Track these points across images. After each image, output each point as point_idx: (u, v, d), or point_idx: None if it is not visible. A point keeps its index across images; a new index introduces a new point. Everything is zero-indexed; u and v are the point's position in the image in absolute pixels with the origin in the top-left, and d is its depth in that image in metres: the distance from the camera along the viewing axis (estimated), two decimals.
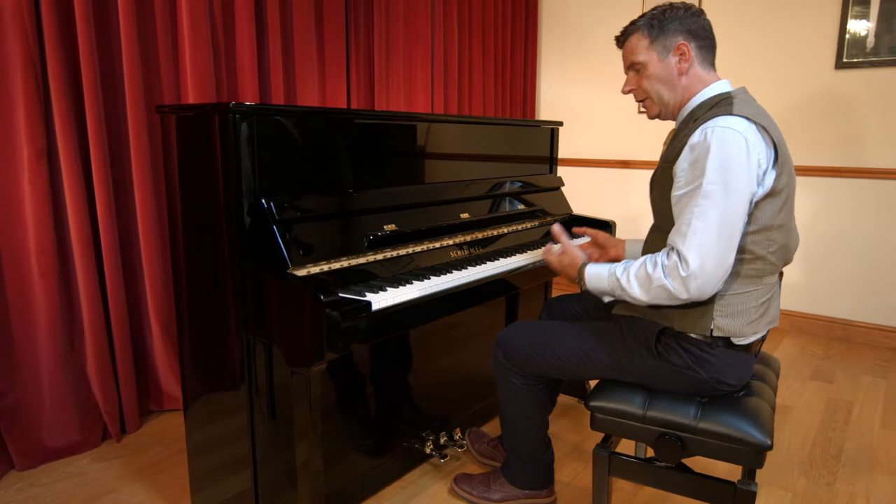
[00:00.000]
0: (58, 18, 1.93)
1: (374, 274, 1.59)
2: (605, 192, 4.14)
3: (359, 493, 1.84)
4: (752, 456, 1.31)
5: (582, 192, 4.21)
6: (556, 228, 1.67)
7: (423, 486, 1.92)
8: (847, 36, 3.15)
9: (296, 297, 1.31)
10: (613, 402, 1.43)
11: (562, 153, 4.26)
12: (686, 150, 1.30)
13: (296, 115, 1.50)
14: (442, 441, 2.02)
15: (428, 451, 1.98)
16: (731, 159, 1.24)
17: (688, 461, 1.44)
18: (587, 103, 4.14)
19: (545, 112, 4.35)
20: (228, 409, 1.56)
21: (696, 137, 1.28)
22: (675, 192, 1.32)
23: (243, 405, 1.51)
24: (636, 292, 1.35)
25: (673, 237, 1.30)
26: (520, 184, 2.22)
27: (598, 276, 1.45)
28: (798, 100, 3.34)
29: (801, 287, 3.47)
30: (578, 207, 4.08)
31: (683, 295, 1.28)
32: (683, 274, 1.25)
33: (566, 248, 1.60)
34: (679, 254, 1.27)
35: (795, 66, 3.34)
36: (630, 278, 1.36)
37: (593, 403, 1.45)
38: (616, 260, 1.76)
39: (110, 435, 2.18)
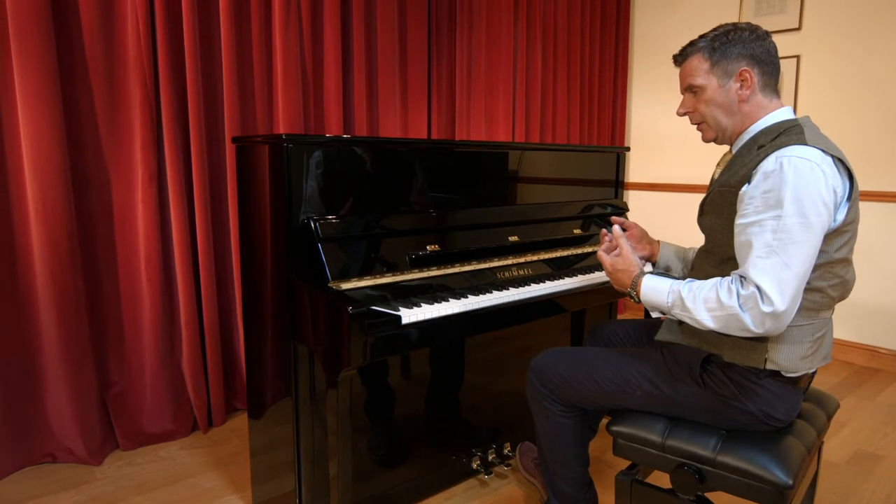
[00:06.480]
0: (171, 63, 2.24)
1: (416, 291, 1.69)
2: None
3: (403, 499, 1.94)
4: (773, 496, 1.25)
5: (675, 217, 4.08)
6: (616, 229, 1.56)
7: (465, 501, 1.98)
8: None
9: (329, 308, 1.45)
10: (634, 429, 1.42)
11: (653, 178, 4.17)
12: (759, 176, 1.23)
13: (343, 144, 1.65)
14: (490, 458, 2.07)
15: (475, 466, 2.04)
16: (811, 192, 1.18)
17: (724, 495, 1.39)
18: (681, 128, 4.02)
19: (636, 137, 4.27)
20: (281, 413, 1.72)
21: (770, 165, 1.22)
22: (742, 220, 1.25)
23: (291, 411, 1.66)
24: (702, 316, 1.27)
25: (749, 269, 1.21)
26: (580, 207, 2.24)
27: (656, 289, 1.37)
28: None
29: None
30: (671, 233, 3.95)
31: (758, 330, 1.21)
32: (766, 310, 1.18)
33: (624, 251, 1.49)
34: (759, 288, 1.19)
35: None
36: (697, 300, 1.28)
37: (614, 428, 1.45)
38: (650, 257, 1.73)
39: (198, 427, 2.44)
